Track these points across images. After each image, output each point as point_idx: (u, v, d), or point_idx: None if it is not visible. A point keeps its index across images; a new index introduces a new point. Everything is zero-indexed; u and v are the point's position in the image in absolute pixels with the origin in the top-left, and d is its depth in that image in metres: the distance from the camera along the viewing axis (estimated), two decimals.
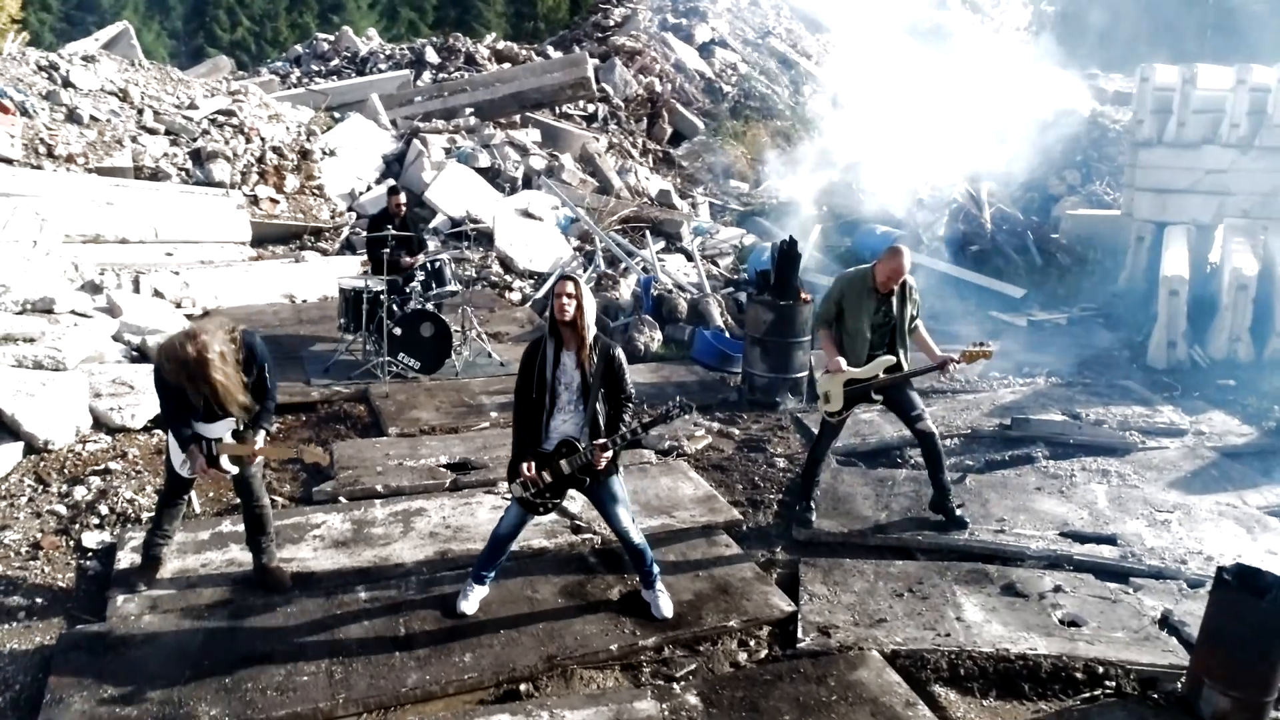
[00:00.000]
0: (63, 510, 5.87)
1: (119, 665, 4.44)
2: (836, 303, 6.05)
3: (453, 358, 8.92)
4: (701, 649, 4.96)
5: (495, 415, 7.89)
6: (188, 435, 4.75)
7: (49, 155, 11.25)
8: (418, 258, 9.19)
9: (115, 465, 6.41)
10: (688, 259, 13.32)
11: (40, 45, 19.93)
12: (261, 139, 13.48)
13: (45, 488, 6.10)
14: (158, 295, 9.63)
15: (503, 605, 5.07)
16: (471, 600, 4.99)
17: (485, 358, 9.27)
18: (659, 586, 5.10)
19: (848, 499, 6.62)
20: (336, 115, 16.02)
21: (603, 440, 4.70)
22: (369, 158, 14.76)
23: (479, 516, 6.02)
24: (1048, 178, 16.78)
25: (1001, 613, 5.25)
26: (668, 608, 5.06)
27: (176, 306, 9.64)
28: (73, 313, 7.89)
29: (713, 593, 5.34)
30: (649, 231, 13.72)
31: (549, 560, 5.67)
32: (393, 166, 14.86)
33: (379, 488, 6.45)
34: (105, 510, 5.86)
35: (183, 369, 4.42)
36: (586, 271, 12.49)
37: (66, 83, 12.90)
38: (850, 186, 14.91)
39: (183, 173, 12.35)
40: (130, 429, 6.97)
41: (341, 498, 6.33)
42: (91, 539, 5.62)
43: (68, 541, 5.60)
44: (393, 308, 8.62)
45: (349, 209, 13.74)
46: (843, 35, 23.48)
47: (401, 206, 9.32)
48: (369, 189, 14.17)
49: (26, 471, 6.24)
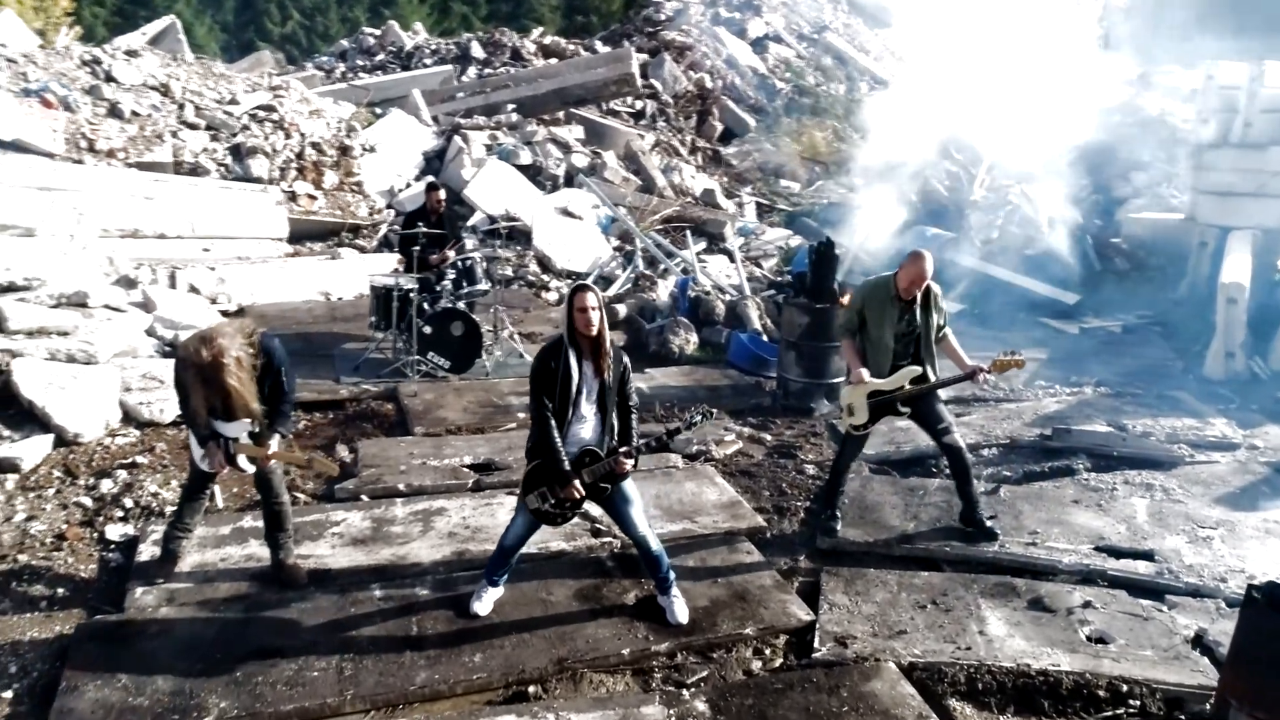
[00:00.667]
0: (89, 502, 5.95)
1: (133, 656, 4.49)
2: (858, 312, 5.88)
3: (483, 357, 8.90)
4: (715, 656, 4.87)
5: (522, 416, 7.83)
6: (205, 433, 4.79)
7: (90, 150, 11.44)
8: (446, 254, 9.14)
9: (142, 459, 6.49)
10: (730, 260, 13.14)
11: (93, 38, 20.34)
12: (301, 135, 13.59)
13: (73, 480, 6.19)
14: (193, 291, 9.71)
15: (516, 607, 5.04)
16: (485, 601, 4.97)
17: (517, 358, 9.18)
18: (674, 592, 5.03)
19: (876, 508, 6.47)
20: (378, 111, 16.04)
21: (626, 448, 4.71)
22: (409, 154, 14.77)
23: (499, 518, 5.98)
24: (1112, 179, 16.29)
25: (1026, 627, 5.08)
26: (683, 613, 4.98)
27: (212, 302, 9.73)
28: (107, 307, 7.99)
29: (730, 600, 5.24)
30: (691, 232, 13.60)
31: (566, 563, 5.62)
32: (433, 163, 14.86)
33: (401, 486, 6.46)
34: (130, 503, 5.94)
35: (198, 372, 4.46)
36: (625, 272, 12.40)
37: (109, 77, 13.09)
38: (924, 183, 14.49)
39: (222, 168, 12.49)
40: (159, 423, 7.05)
41: (363, 496, 6.35)
42: (115, 531, 5.70)
43: (92, 533, 5.68)
44: (423, 306, 8.60)
45: (388, 206, 13.77)
46: (906, 31, 22.90)
47: (441, 203, 9.31)
48: (408, 186, 14.18)
49: (56, 464, 6.33)
